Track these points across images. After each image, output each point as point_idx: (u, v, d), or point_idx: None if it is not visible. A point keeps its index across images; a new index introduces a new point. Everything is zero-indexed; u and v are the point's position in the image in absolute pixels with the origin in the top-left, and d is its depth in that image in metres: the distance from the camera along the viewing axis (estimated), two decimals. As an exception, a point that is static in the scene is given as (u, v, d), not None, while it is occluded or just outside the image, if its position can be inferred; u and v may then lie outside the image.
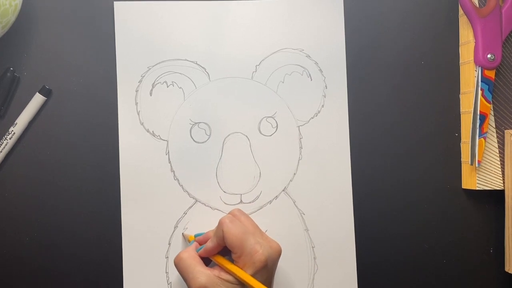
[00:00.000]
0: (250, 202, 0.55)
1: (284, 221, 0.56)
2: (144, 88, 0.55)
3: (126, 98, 0.55)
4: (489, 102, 0.56)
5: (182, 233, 0.54)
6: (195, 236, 0.53)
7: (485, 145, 0.56)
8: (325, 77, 0.57)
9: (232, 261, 0.48)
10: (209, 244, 0.49)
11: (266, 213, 0.56)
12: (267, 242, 0.48)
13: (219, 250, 0.49)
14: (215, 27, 0.56)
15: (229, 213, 0.52)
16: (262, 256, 0.46)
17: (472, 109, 0.56)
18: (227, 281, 0.47)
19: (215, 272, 0.47)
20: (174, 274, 0.54)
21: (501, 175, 0.56)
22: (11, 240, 0.54)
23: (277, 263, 0.49)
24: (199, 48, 0.56)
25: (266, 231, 0.55)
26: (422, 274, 0.57)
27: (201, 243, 0.51)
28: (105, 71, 0.55)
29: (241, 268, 0.47)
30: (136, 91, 0.55)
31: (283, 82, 0.56)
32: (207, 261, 0.50)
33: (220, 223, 0.48)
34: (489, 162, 0.56)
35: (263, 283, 0.47)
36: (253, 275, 0.46)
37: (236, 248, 0.47)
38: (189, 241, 0.53)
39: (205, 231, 0.52)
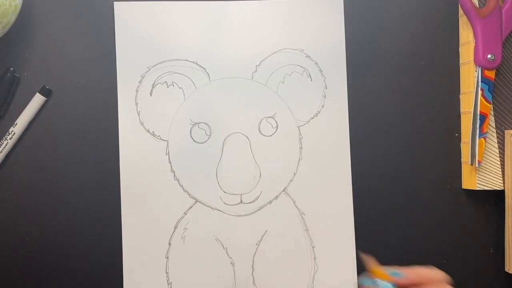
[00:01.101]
0: (250, 202, 0.55)
1: (284, 221, 0.56)
2: (144, 88, 0.55)
3: (126, 98, 0.55)
4: (489, 102, 0.56)
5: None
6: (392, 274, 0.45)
7: (485, 145, 0.56)
8: (325, 77, 0.57)
9: None
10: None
11: (266, 213, 0.56)
12: None
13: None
14: (215, 27, 0.56)
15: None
16: None
17: (472, 109, 0.56)
18: None
19: None
20: (174, 274, 0.54)
21: (501, 175, 0.56)
22: (11, 240, 0.54)
23: None
24: (199, 48, 0.56)
25: (266, 231, 0.55)
26: (422, 274, 0.57)
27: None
28: (105, 71, 0.55)
29: None
30: (136, 91, 0.55)
31: (283, 82, 0.56)
32: None
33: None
34: (489, 162, 0.56)
35: None
36: None
37: None
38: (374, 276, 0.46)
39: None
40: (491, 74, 0.56)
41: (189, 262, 0.55)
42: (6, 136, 0.53)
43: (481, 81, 0.56)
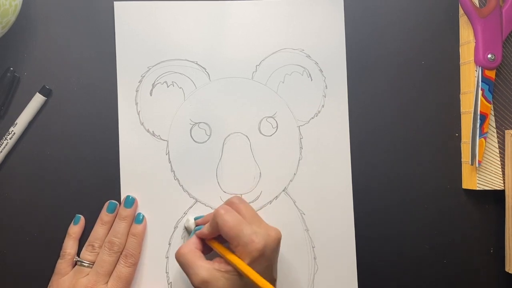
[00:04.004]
0: (250, 202, 0.55)
1: (284, 221, 0.56)
2: (144, 88, 0.55)
3: (126, 98, 0.55)
4: (489, 102, 0.56)
5: (184, 226, 0.54)
6: (195, 219, 0.54)
7: (485, 145, 0.56)
8: (325, 77, 0.57)
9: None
10: (205, 231, 0.50)
11: (266, 213, 0.55)
12: (265, 230, 0.48)
13: (214, 236, 0.50)
14: (215, 27, 0.56)
15: (227, 202, 0.51)
16: (258, 245, 0.46)
17: (473, 109, 0.56)
18: (227, 272, 0.47)
19: (215, 265, 0.48)
20: (174, 274, 0.54)
21: (501, 175, 0.56)
22: (11, 240, 0.54)
23: (277, 250, 0.49)
24: (199, 48, 0.56)
25: (266, 231, 0.55)
26: (422, 274, 0.57)
27: (199, 224, 0.53)
28: (105, 71, 0.55)
29: (239, 257, 0.47)
30: (136, 91, 0.55)
31: (283, 82, 0.56)
32: (208, 248, 0.51)
33: (215, 215, 0.48)
34: (489, 162, 0.56)
35: (263, 271, 0.47)
36: (251, 264, 0.46)
37: (232, 239, 0.47)
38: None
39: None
40: (491, 74, 0.56)
41: (189, 262, 0.55)
42: (6, 136, 0.53)
43: (481, 81, 0.56)
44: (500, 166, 0.57)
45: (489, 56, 0.55)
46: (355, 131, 0.57)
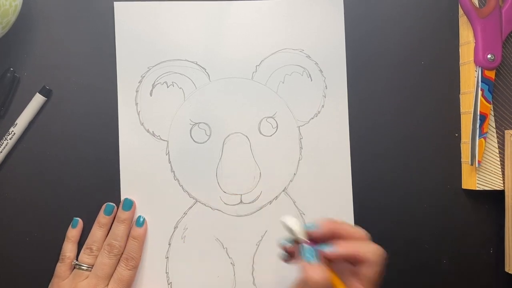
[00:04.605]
0: (250, 203, 0.55)
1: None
2: (144, 89, 0.55)
3: (126, 98, 0.55)
4: (489, 102, 0.56)
5: (288, 226, 0.46)
6: (306, 227, 0.45)
7: (485, 145, 0.56)
8: (325, 78, 0.57)
9: None
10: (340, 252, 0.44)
11: (266, 213, 0.56)
12: None
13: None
14: (215, 27, 0.56)
15: None
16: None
17: (472, 109, 0.56)
18: None
19: None
20: (174, 274, 0.54)
21: (501, 175, 0.56)
22: (11, 240, 0.54)
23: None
24: (199, 49, 0.56)
25: (266, 231, 0.55)
26: (422, 274, 0.57)
27: (313, 235, 0.45)
28: (105, 71, 0.55)
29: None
30: (136, 91, 0.55)
31: (283, 82, 0.56)
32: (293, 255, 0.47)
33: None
34: (489, 162, 0.56)
35: None
36: None
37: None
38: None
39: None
40: (491, 74, 0.56)
41: (189, 262, 0.55)
42: (6, 136, 0.53)
43: (481, 81, 0.56)
44: (499, 166, 0.57)
45: (489, 56, 0.55)
46: (355, 131, 0.57)
